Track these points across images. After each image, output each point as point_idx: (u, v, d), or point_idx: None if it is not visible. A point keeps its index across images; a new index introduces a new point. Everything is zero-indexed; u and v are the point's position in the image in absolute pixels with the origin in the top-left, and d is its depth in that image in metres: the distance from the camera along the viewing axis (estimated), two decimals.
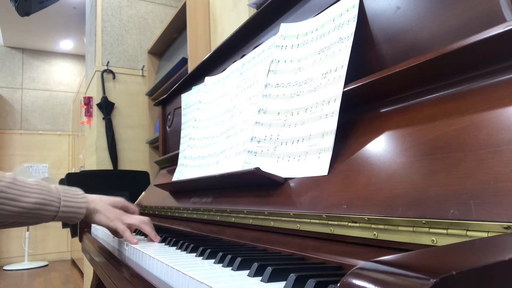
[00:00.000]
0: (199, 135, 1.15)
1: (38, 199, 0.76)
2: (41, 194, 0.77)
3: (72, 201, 0.81)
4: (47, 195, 0.78)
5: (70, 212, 0.80)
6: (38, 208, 0.76)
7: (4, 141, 4.94)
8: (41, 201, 0.76)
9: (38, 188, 0.77)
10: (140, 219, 0.91)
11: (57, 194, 0.80)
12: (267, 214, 0.67)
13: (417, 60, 0.51)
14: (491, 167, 0.38)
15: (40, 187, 0.78)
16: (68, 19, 4.46)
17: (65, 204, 0.80)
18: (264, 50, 0.92)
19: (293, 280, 0.41)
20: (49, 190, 0.79)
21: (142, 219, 0.91)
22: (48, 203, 0.77)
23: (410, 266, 0.23)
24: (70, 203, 0.81)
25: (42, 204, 0.76)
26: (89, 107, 3.01)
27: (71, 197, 0.82)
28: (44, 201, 0.77)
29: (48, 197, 0.78)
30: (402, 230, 0.43)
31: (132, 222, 0.89)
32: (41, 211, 0.77)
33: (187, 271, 0.50)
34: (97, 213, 0.86)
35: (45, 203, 0.77)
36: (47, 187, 0.79)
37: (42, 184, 0.78)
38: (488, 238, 0.34)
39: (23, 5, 1.52)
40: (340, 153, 0.61)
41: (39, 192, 0.76)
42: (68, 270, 4.34)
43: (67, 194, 0.81)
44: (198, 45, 2.27)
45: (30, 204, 0.75)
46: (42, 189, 0.78)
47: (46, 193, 0.78)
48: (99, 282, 1.43)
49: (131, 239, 0.84)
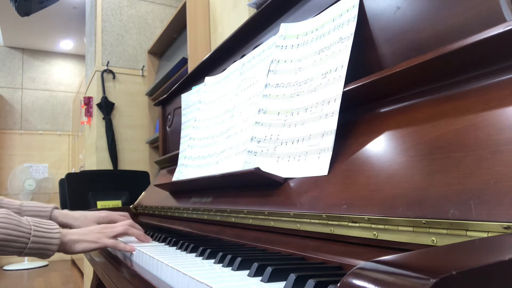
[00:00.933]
0: (199, 135, 1.15)
1: (3, 235, 0.71)
2: (7, 229, 0.72)
3: (43, 236, 0.76)
4: (15, 230, 0.73)
5: (39, 248, 0.76)
6: (2, 245, 0.71)
7: (4, 141, 4.94)
8: (7, 237, 0.72)
9: (5, 222, 0.72)
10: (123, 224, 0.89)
11: (27, 228, 0.75)
12: (267, 214, 0.67)
13: (417, 60, 0.51)
14: (491, 167, 0.38)
15: (8, 220, 0.73)
16: (68, 19, 4.46)
17: (35, 240, 0.75)
18: (264, 50, 0.92)
19: (293, 280, 0.41)
20: (19, 224, 0.74)
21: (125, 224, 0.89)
22: (15, 239, 0.73)
23: (410, 266, 0.23)
24: (41, 238, 0.76)
25: (7, 241, 0.72)
26: (89, 107, 3.00)
27: (44, 232, 0.77)
28: (10, 237, 0.72)
29: (16, 232, 0.73)
30: (402, 230, 0.43)
31: (117, 232, 0.87)
32: (6, 247, 0.72)
33: (187, 271, 0.50)
34: (76, 243, 0.81)
35: (11, 240, 0.72)
36: (17, 220, 0.74)
37: (11, 217, 0.74)
38: (488, 238, 0.34)
39: (23, 5, 1.52)
40: (340, 153, 0.61)
41: (5, 227, 0.72)
42: (68, 270, 4.34)
43: (40, 228, 0.77)
44: (198, 45, 2.27)
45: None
46: (10, 222, 0.73)
47: (14, 227, 0.73)
48: (99, 282, 1.43)
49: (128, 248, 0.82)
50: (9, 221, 0.73)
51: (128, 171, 2.73)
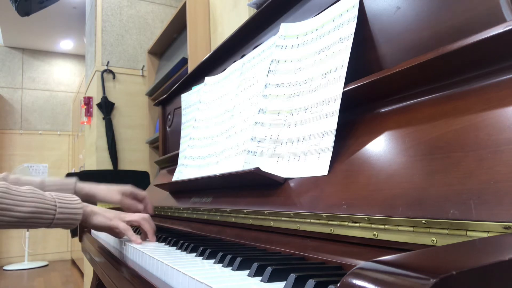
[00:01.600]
0: (199, 135, 1.15)
1: (33, 208, 0.75)
2: (36, 203, 0.76)
3: (68, 207, 0.80)
4: (42, 203, 0.77)
5: (66, 218, 0.80)
6: (33, 217, 0.75)
7: (4, 141, 4.94)
8: (36, 209, 0.76)
9: (32, 196, 0.76)
10: (140, 215, 0.91)
11: (52, 200, 0.79)
12: (267, 214, 0.67)
13: (417, 60, 0.51)
14: (491, 167, 0.38)
15: (35, 194, 0.77)
16: (68, 19, 4.46)
17: (61, 210, 0.79)
18: (264, 50, 0.92)
19: (293, 280, 0.41)
20: (44, 197, 0.78)
21: (142, 216, 0.91)
22: (44, 211, 0.77)
23: (410, 266, 0.23)
24: (66, 209, 0.80)
25: (37, 213, 0.76)
26: (89, 107, 3.00)
27: (67, 203, 0.81)
28: (39, 209, 0.76)
29: (43, 205, 0.77)
30: (402, 230, 0.43)
31: (132, 218, 0.89)
32: (37, 219, 0.76)
33: (187, 271, 0.50)
34: (94, 215, 0.85)
35: (40, 211, 0.76)
36: (42, 194, 0.78)
37: (36, 192, 0.78)
38: (488, 238, 0.34)
39: (23, 5, 1.52)
40: (340, 153, 0.61)
41: (33, 201, 0.76)
42: (68, 270, 4.34)
43: (63, 200, 0.81)
44: (198, 45, 2.27)
45: (24, 213, 0.74)
46: (37, 196, 0.77)
47: (41, 200, 0.77)
48: (99, 282, 1.43)
49: (135, 238, 0.84)
50: (35, 195, 0.77)
51: (128, 171, 2.73)
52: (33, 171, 4.68)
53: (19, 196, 0.75)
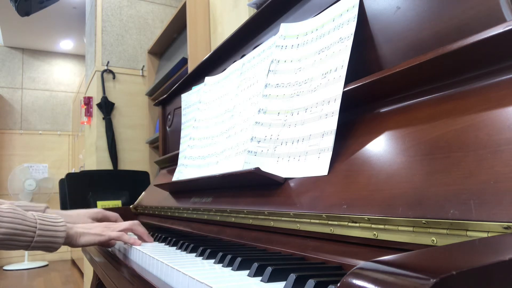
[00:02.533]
0: (199, 135, 1.15)
1: (9, 229, 0.71)
2: (13, 223, 0.72)
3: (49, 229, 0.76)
4: (21, 224, 0.73)
5: (46, 241, 0.76)
6: (8, 239, 0.72)
7: (4, 141, 4.94)
8: (13, 231, 0.72)
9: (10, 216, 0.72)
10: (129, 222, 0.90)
11: (33, 222, 0.75)
12: (267, 214, 0.67)
13: (417, 60, 0.51)
14: (491, 167, 0.38)
15: (14, 214, 0.73)
16: (68, 19, 4.45)
17: (40, 233, 0.75)
18: (264, 50, 0.92)
19: (293, 280, 0.41)
20: (24, 218, 0.74)
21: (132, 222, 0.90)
22: (21, 232, 0.73)
23: (410, 266, 0.23)
24: (46, 231, 0.76)
25: (13, 235, 0.72)
26: (89, 107, 3.00)
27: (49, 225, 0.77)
28: (16, 231, 0.72)
29: (21, 226, 0.73)
30: (402, 230, 0.43)
31: (123, 227, 0.87)
32: (13, 242, 0.73)
33: (187, 271, 0.50)
34: (81, 236, 0.82)
35: (17, 234, 0.73)
36: (22, 214, 0.74)
37: (16, 212, 0.74)
38: (488, 238, 0.34)
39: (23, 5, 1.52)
40: (340, 153, 0.61)
41: (11, 221, 0.72)
42: (68, 270, 4.34)
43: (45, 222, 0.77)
44: (198, 45, 2.27)
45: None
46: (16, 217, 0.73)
47: (19, 221, 0.73)
48: (99, 282, 1.43)
49: (132, 240, 0.84)
50: (14, 215, 0.73)
51: (128, 171, 2.73)
52: (33, 171, 4.68)
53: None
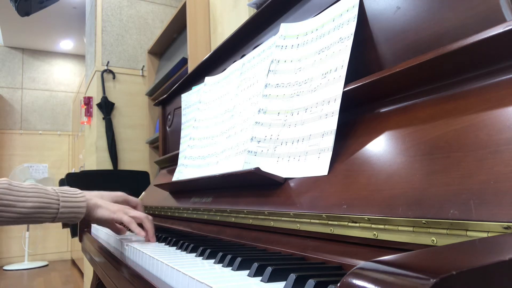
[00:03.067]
0: (199, 135, 1.15)
1: (35, 203, 0.75)
2: (38, 198, 0.76)
3: (71, 201, 0.80)
4: (45, 198, 0.77)
5: (70, 212, 0.79)
6: (37, 212, 0.75)
7: (4, 141, 4.94)
8: (39, 204, 0.75)
9: (34, 191, 0.76)
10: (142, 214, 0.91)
11: (55, 195, 0.78)
12: (267, 214, 0.67)
13: (417, 60, 0.51)
14: (491, 167, 0.38)
15: (37, 189, 0.77)
16: (68, 19, 4.46)
17: (64, 204, 0.78)
18: (264, 50, 0.92)
19: (293, 280, 0.41)
20: (46, 192, 0.78)
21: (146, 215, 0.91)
22: (47, 205, 0.76)
23: (410, 266, 0.23)
24: (69, 203, 0.79)
25: (40, 208, 0.75)
26: (89, 107, 3.01)
27: (70, 197, 0.80)
28: (43, 204, 0.76)
29: (46, 199, 0.77)
30: (402, 230, 0.43)
31: (136, 215, 0.89)
32: (40, 214, 0.76)
33: (187, 271, 0.50)
34: (98, 208, 0.85)
35: (43, 206, 0.76)
36: (44, 189, 0.78)
37: (38, 187, 0.77)
38: (488, 238, 0.34)
39: (23, 5, 1.52)
40: (340, 153, 0.61)
41: (36, 196, 0.75)
42: (68, 270, 4.34)
43: (66, 194, 0.80)
44: (198, 45, 2.27)
45: (28, 209, 0.74)
46: (39, 191, 0.77)
47: (43, 195, 0.77)
48: (99, 282, 1.43)
49: (138, 230, 0.84)
50: (37, 190, 0.76)
51: (128, 171, 2.73)
52: (33, 171, 4.68)
53: (21, 192, 0.75)
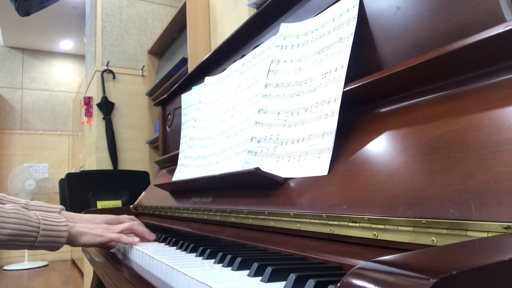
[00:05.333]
0: (199, 135, 1.15)
1: (13, 230, 0.72)
2: (18, 224, 0.73)
3: (52, 229, 0.77)
4: (25, 224, 0.74)
5: (49, 241, 0.77)
6: (13, 240, 0.73)
7: (4, 141, 4.94)
8: (17, 232, 0.73)
9: (15, 217, 0.73)
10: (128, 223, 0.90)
11: (36, 221, 0.76)
12: (267, 214, 0.67)
13: (417, 60, 0.51)
14: (491, 167, 0.38)
15: (18, 215, 0.74)
16: (68, 19, 4.45)
17: (44, 233, 0.76)
18: (264, 50, 0.92)
19: (293, 280, 0.41)
20: (28, 219, 0.75)
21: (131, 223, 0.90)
22: (26, 233, 0.74)
23: (410, 266, 0.23)
24: (50, 231, 0.77)
25: (18, 235, 0.73)
26: (89, 107, 3.00)
27: (52, 225, 0.78)
28: (21, 232, 0.73)
29: (26, 226, 0.74)
30: (402, 230, 0.43)
31: (122, 228, 0.88)
32: (17, 242, 0.73)
33: (187, 271, 0.50)
34: (82, 236, 0.83)
35: (21, 234, 0.73)
36: (26, 215, 0.75)
37: (20, 212, 0.75)
38: (488, 238, 0.34)
39: (23, 5, 1.52)
40: (340, 153, 0.61)
41: (16, 222, 0.73)
42: (68, 270, 4.34)
43: (47, 221, 0.78)
44: (198, 45, 2.27)
45: (5, 236, 0.71)
46: (20, 217, 0.74)
47: (24, 222, 0.74)
48: (99, 282, 1.43)
49: (130, 240, 0.83)
50: (18, 216, 0.74)
51: (128, 171, 2.73)
52: (33, 171, 4.68)
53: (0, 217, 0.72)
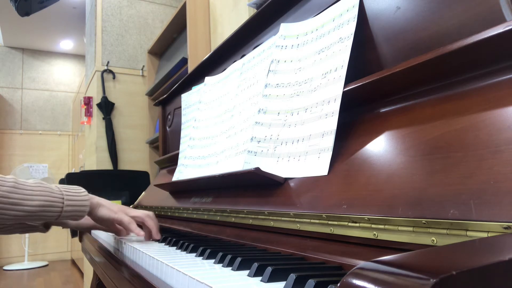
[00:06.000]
0: (199, 135, 1.15)
1: (41, 201, 0.76)
2: (44, 196, 0.77)
3: (75, 199, 0.81)
4: (50, 196, 0.78)
5: (73, 210, 0.81)
6: (42, 210, 0.76)
7: (4, 141, 4.94)
8: (45, 203, 0.76)
9: (40, 190, 0.77)
10: (145, 212, 0.92)
11: (59, 193, 0.79)
12: (267, 214, 0.67)
13: (417, 60, 0.51)
14: (491, 167, 0.38)
15: (42, 188, 0.78)
16: (68, 19, 4.45)
17: (68, 203, 0.80)
18: (264, 50, 0.92)
19: (293, 280, 0.41)
20: (51, 191, 0.79)
21: (147, 213, 0.92)
22: (52, 204, 0.77)
23: (410, 266, 0.23)
24: (73, 201, 0.81)
25: (46, 206, 0.76)
26: (89, 107, 3.00)
27: (74, 195, 0.82)
28: (48, 203, 0.77)
29: (51, 198, 0.77)
30: (402, 230, 0.43)
31: (136, 214, 0.90)
32: (45, 213, 0.77)
33: (187, 271, 0.50)
34: (100, 207, 0.86)
35: (48, 205, 0.77)
36: (49, 188, 0.79)
37: (43, 185, 0.78)
38: (488, 238, 0.34)
39: (23, 5, 1.52)
40: (340, 153, 0.61)
41: (41, 194, 0.76)
42: (68, 270, 4.34)
43: (69, 192, 0.82)
44: (198, 45, 2.27)
45: (33, 207, 0.75)
46: (44, 190, 0.78)
47: (48, 193, 0.78)
48: (99, 282, 1.43)
49: (138, 231, 0.85)
50: (43, 188, 0.77)
51: (128, 171, 2.73)
52: (33, 171, 4.68)
53: (27, 190, 0.75)
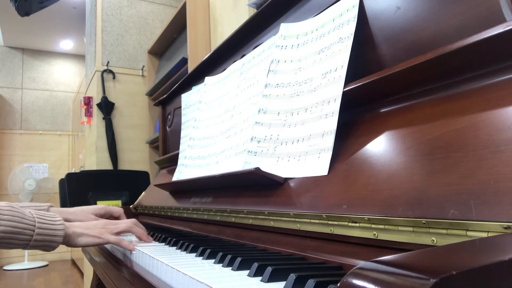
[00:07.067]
0: (199, 135, 1.15)
1: (7, 227, 0.71)
2: (12, 222, 0.71)
3: (48, 228, 0.75)
4: (20, 222, 0.72)
5: (44, 240, 0.75)
6: (7, 237, 0.71)
7: (4, 141, 4.94)
8: (12, 229, 0.71)
9: (9, 215, 0.72)
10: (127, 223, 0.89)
11: (31, 219, 0.74)
12: (267, 214, 0.67)
13: (417, 60, 0.51)
14: (491, 167, 0.38)
15: (13, 212, 0.72)
16: (68, 19, 4.45)
17: (39, 231, 0.74)
18: (264, 50, 0.92)
19: (293, 280, 0.41)
20: (22, 216, 0.73)
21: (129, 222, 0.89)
22: (20, 231, 0.72)
23: (410, 266, 0.23)
24: (45, 230, 0.75)
25: (12, 233, 0.71)
26: (89, 107, 3.00)
27: (47, 223, 0.76)
28: (15, 229, 0.72)
29: (20, 224, 0.72)
30: (402, 230, 0.43)
31: (120, 229, 0.87)
32: (11, 240, 0.72)
33: (187, 271, 0.50)
34: (80, 237, 0.80)
35: (16, 232, 0.72)
36: (21, 213, 0.74)
37: (15, 209, 0.73)
38: (488, 238, 0.34)
39: (23, 5, 1.52)
40: (340, 153, 0.61)
41: (10, 219, 0.71)
42: (68, 270, 4.34)
43: (43, 219, 0.76)
44: (198, 45, 2.27)
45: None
46: (15, 215, 0.72)
47: (19, 219, 0.72)
48: (99, 282, 1.43)
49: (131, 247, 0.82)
50: (13, 213, 0.72)
51: (128, 171, 2.73)
52: (33, 171, 4.68)
53: None
